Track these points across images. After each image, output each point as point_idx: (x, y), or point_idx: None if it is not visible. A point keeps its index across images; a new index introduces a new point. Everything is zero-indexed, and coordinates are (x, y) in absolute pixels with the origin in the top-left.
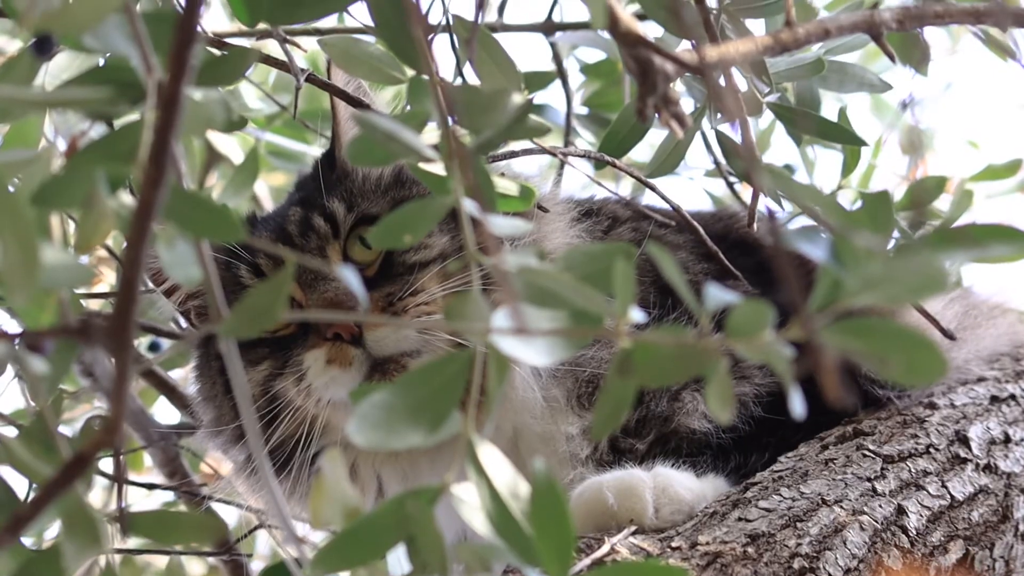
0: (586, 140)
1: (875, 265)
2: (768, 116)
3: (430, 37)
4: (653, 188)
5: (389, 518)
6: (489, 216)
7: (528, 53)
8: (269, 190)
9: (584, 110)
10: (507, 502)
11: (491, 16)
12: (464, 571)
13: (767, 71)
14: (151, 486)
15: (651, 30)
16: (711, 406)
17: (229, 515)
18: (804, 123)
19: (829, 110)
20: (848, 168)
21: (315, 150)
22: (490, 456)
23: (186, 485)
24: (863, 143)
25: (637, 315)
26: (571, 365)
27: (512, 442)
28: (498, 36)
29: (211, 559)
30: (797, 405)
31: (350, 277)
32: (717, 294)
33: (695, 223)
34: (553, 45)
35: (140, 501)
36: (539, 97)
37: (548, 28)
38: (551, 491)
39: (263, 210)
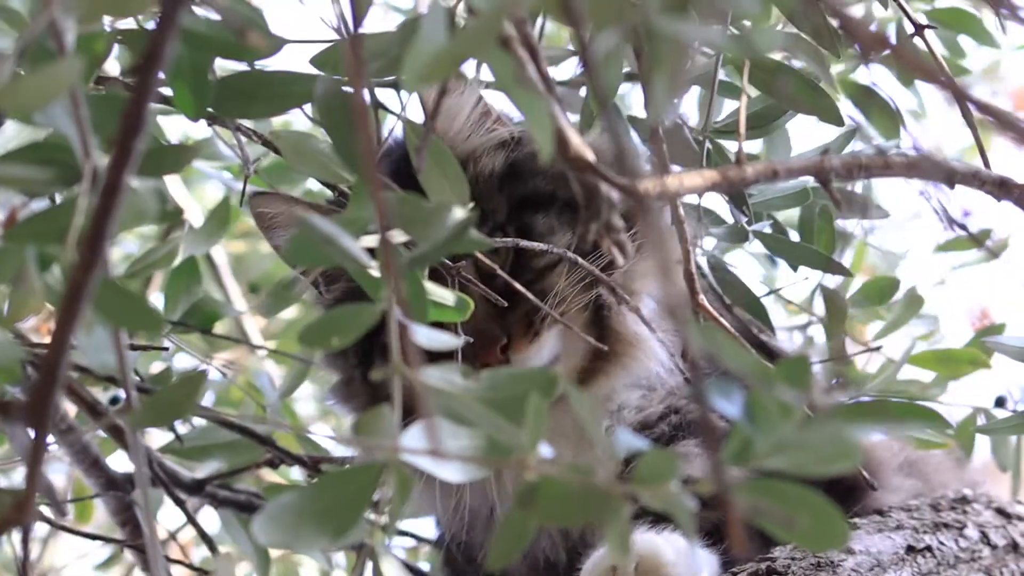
0: None
1: (787, 430)
2: None
3: (377, 146)
4: None
5: None
6: (415, 326)
7: None
8: (228, 257)
9: None
10: None
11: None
12: None
13: (747, 202)
14: (92, 536)
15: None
16: (611, 552)
17: None
18: (790, 253)
19: None
20: None
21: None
22: (391, 567)
23: (136, 536)
24: (850, 274)
25: (545, 451)
26: None
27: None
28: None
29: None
30: (700, 558)
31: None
32: None
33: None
34: None
35: (91, 551)
36: None
37: None
38: None
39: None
